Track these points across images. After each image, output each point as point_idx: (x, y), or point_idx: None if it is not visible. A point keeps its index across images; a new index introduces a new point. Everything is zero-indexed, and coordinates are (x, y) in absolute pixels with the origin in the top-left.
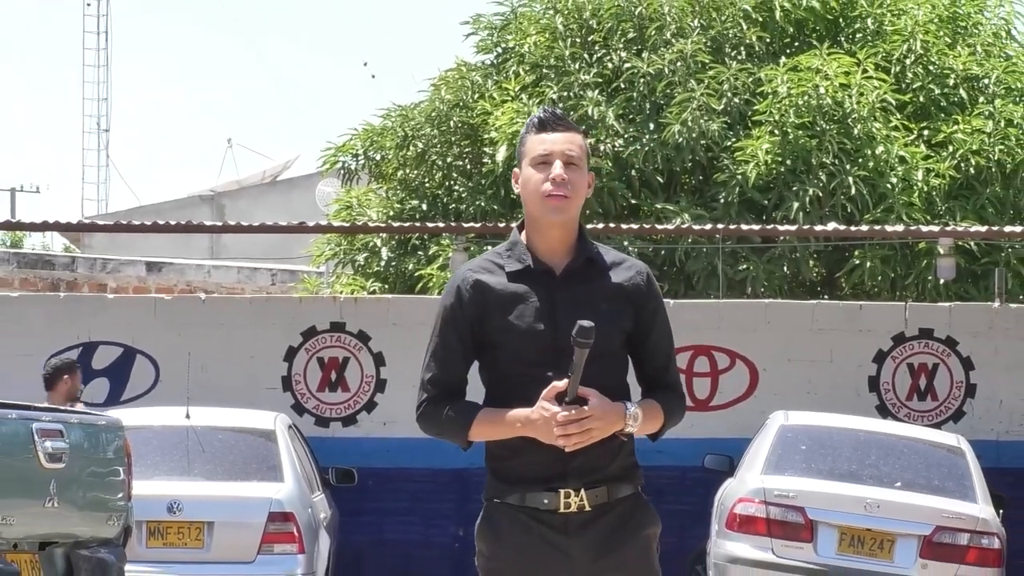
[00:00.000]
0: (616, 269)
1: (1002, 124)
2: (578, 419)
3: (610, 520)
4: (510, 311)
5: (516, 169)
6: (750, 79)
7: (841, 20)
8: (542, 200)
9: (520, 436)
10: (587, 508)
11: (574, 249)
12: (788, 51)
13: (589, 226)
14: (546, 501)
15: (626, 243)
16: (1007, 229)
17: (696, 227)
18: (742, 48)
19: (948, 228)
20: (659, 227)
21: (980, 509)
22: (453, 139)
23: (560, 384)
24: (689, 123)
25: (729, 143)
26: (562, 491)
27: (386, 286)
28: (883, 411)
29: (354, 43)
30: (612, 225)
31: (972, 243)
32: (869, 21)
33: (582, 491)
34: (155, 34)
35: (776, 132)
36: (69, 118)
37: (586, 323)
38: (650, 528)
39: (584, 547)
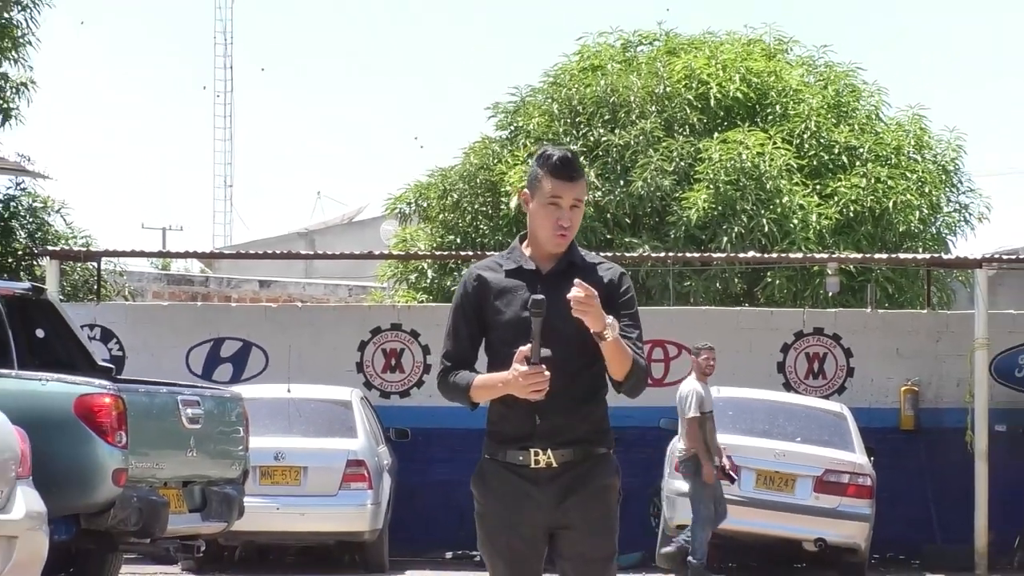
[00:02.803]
0: (595, 269)
1: (873, 181)
2: (534, 373)
3: (574, 475)
4: (502, 300)
5: (526, 191)
6: (692, 148)
7: (758, 106)
8: (550, 235)
9: (502, 403)
10: (554, 465)
11: (561, 257)
12: (720, 128)
13: None
14: (520, 458)
15: None
16: (877, 256)
17: (653, 255)
18: (687, 126)
19: (834, 256)
20: (627, 255)
21: (857, 457)
22: (479, 192)
23: (525, 349)
24: (648, 180)
25: (677, 194)
26: (532, 450)
27: (431, 297)
28: (788, 387)
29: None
30: (592, 254)
31: (851, 267)
32: (778, 107)
33: (549, 450)
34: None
35: (711, 187)
36: (203, 175)
37: (538, 296)
38: (607, 480)
39: (550, 496)
